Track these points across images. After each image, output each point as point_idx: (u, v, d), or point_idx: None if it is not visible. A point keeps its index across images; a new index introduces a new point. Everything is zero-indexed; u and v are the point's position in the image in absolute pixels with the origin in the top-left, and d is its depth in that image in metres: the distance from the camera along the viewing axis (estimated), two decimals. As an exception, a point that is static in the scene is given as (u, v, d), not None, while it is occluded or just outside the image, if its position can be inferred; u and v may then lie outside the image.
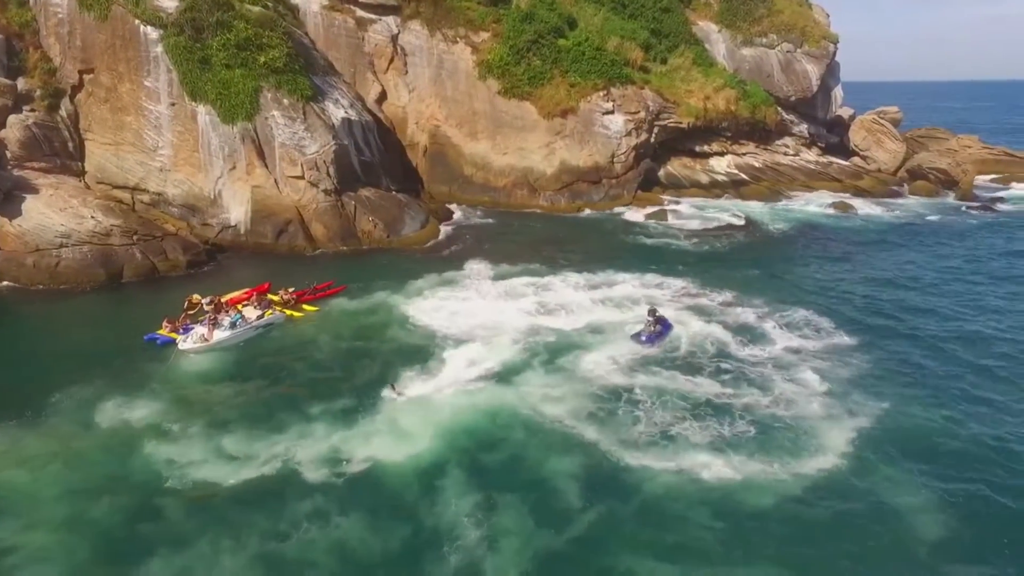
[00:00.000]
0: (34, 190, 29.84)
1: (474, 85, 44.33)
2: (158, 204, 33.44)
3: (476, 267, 29.85)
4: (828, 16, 56.16)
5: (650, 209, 42.16)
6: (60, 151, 32.96)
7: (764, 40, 52.15)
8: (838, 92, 55.84)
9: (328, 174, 33.26)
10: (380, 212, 34.50)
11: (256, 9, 35.98)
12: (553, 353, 21.24)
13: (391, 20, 44.82)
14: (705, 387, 19.34)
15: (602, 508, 14.03)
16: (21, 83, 32.75)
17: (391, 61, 44.51)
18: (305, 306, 25.40)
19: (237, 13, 34.10)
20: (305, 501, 14.11)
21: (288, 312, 24.82)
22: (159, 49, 32.49)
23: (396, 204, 36.07)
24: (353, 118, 36.35)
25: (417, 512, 13.82)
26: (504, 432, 16.80)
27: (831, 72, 53.59)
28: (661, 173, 47.96)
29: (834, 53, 52.71)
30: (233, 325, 22.49)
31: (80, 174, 33.49)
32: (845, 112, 59.60)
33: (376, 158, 38.02)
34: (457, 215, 40.51)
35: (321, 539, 13.00)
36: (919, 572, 12.68)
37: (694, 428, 17.17)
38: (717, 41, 53.02)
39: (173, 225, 32.49)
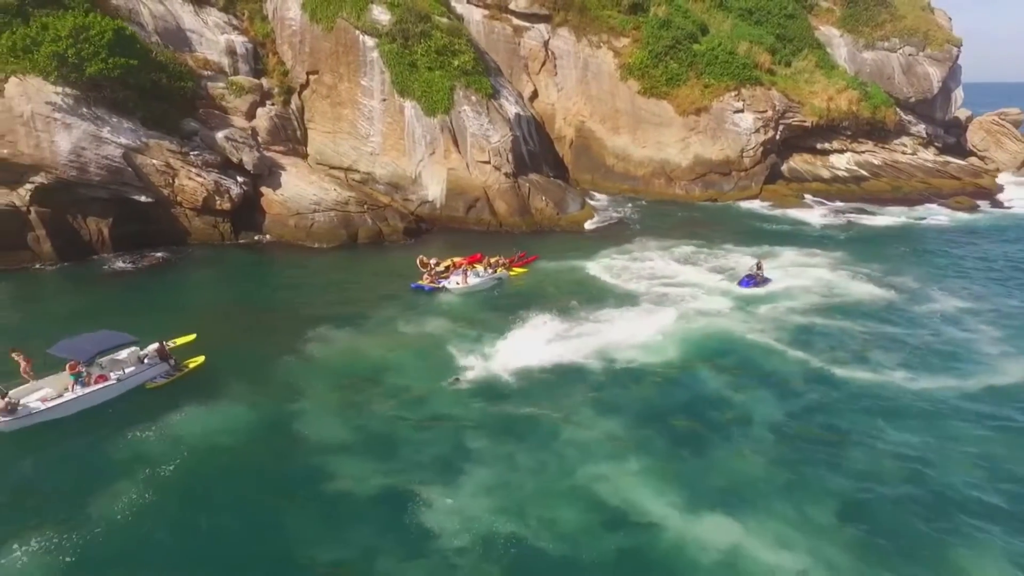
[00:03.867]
0: (283, 168, 36.94)
1: (616, 85, 49.37)
2: (367, 182, 40.12)
3: (643, 239, 34.78)
4: (950, 20, 58.08)
5: (780, 199, 45.94)
6: (291, 137, 40.15)
7: (886, 44, 54.80)
8: (958, 94, 57.66)
9: (507, 160, 39.00)
10: (549, 193, 40.01)
11: (445, 20, 42.29)
12: (740, 301, 26.00)
13: (543, 27, 50.49)
14: (884, 329, 23.62)
15: (820, 391, 19.10)
16: (264, 82, 40.19)
17: (543, 64, 50.16)
18: (516, 269, 30.86)
19: (434, 24, 40.47)
20: (594, 377, 19.54)
21: (509, 271, 30.45)
22: (375, 54, 39.16)
23: (559, 187, 41.53)
24: (522, 113, 42.11)
25: (685, 386, 19.23)
26: (727, 347, 21.81)
27: (952, 75, 55.60)
28: (784, 167, 51.45)
29: (957, 56, 54.75)
30: (478, 275, 28.57)
31: (304, 156, 40.58)
32: (962, 113, 61.09)
33: (537, 148, 43.64)
34: (603, 200, 45.54)
35: (620, 396, 18.38)
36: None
37: (882, 354, 21.60)
38: (839, 45, 56.03)
39: (381, 199, 39.03)
